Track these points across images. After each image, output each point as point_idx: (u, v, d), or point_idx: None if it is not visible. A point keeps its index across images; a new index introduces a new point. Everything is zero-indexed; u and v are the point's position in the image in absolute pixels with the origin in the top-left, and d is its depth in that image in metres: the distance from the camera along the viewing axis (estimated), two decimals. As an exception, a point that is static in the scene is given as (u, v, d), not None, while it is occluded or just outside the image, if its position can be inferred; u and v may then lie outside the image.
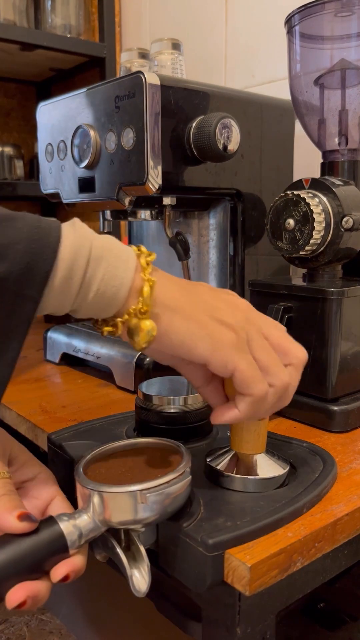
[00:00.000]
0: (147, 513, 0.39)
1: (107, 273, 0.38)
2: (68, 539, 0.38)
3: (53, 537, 0.38)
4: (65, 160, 0.78)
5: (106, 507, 0.39)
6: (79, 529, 0.39)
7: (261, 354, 0.42)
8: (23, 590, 0.36)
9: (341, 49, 0.69)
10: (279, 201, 0.64)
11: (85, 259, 0.38)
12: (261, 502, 0.44)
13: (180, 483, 0.40)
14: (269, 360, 0.42)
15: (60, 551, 0.38)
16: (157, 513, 0.39)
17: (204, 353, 0.40)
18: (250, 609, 0.41)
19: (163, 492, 0.39)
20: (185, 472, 0.41)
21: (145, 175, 0.66)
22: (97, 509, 0.39)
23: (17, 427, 0.68)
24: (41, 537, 0.38)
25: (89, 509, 0.39)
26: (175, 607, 0.48)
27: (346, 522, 0.45)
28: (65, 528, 0.38)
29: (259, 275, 0.83)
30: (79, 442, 0.54)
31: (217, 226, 0.85)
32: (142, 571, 0.40)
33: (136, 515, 0.39)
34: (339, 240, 0.62)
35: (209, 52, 1.17)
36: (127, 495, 0.39)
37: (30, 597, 0.36)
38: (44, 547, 0.37)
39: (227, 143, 0.68)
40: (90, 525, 0.39)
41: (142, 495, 0.38)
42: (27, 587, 0.36)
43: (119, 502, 0.39)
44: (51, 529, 0.38)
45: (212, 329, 0.40)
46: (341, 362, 0.61)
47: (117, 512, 0.39)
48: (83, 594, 1.29)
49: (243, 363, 0.40)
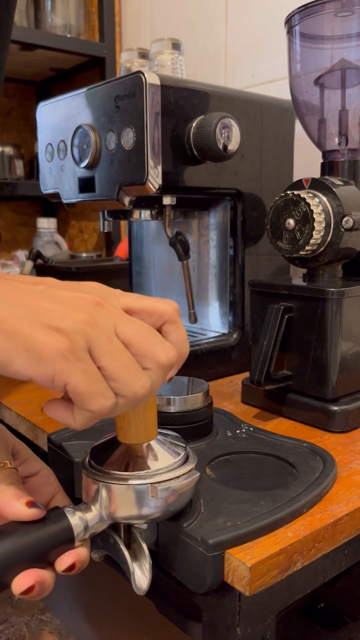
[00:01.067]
0: (152, 509, 0.39)
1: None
2: (75, 531, 0.38)
3: (61, 527, 0.38)
4: (65, 160, 0.78)
5: (113, 500, 0.39)
6: (85, 522, 0.39)
7: (107, 361, 0.35)
8: (31, 576, 0.36)
9: (341, 49, 0.69)
10: (279, 201, 0.64)
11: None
12: (261, 502, 0.44)
13: (189, 479, 0.40)
14: (117, 367, 0.35)
15: (66, 542, 0.38)
16: (162, 510, 0.39)
17: (22, 368, 0.33)
18: (250, 609, 0.41)
19: (172, 486, 0.39)
20: (193, 470, 0.41)
21: (145, 175, 0.66)
22: (105, 502, 0.39)
23: (17, 427, 0.68)
24: (49, 527, 0.38)
25: (96, 502, 0.39)
26: (175, 607, 0.48)
27: (346, 522, 0.45)
28: (72, 519, 0.38)
29: (259, 275, 0.83)
30: (79, 442, 0.54)
31: (217, 226, 0.85)
32: (143, 568, 0.40)
33: (142, 510, 0.39)
34: (339, 240, 0.62)
35: (209, 52, 1.17)
36: (136, 489, 0.39)
37: (38, 583, 0.36)
38: (51, 536, 0.37)
39: (227, 143, 0.68)
40: (96, 518, 0.39)
41: (152, 488, 0.38)
42: (35, 573, 0.36)
43: (127, 495, 0.39)
44: (59, 520, 0.38)
45: (33, 338, 0.33)
46: (341, 362, 0.61)
47: (124, 506, 0.39)
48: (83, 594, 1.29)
49: (76, 376, 0.33)
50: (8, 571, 0.36)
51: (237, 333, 0.83)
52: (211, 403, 0.57)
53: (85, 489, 0.41)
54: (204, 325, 0.89)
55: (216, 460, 0.52)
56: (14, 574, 0.36)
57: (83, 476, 0.41)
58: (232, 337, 0.83)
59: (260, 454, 0.53)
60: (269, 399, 0.67)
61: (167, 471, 0.40)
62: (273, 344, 0.62)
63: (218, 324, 0.87)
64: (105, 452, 0.42)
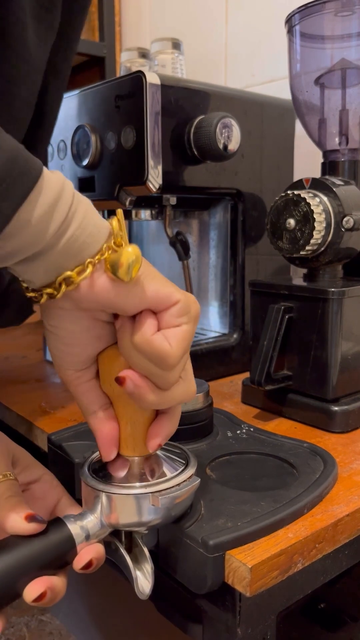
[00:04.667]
0: (153, 515, 0.39)
1: (87, 215, 0.35)
2: (77, 540, 0.38)
3: (62, 538, 0.38)
4: (65, 160, 0.78)
5: (114, 509, 0.39)
6: (86, 531, 0.39)
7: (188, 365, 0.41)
8: (42, 583, 0.36)
9: (342, 49, 0.69)
10: (279, 201, 0.63)
11: (71, 195, 0.34)
12: (262, 502, 0.44)
13: (190, 486, 0.40)
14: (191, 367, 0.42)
15: (68, 552, 0.38)
16: (163, 516, 0.39)
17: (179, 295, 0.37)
18: (250, 610, 0.41)
19: (173, 495, 0.39)
20: (193, 476, 0.41)
21: (146, 175, 0.66)
22: (105, 510, 0.39)
23: (17, 427, 0.68)
24: (50, 539, 0.38)
25: (96, 510, 0.39)
26: (175, 608, 0.48)
27: (347, 522, 0.45)
28: (73, 529, 0.38)
29: (259, 275, 0.83)
30: (79, 442, 0.54)
31: (217, 226, 0.85)
32: (145, 573, 0.40)
33: (143, 517, 0.39)
34: (340, 240, 0.62)
35: (209, 52, 1.17)
36: (137, 497, 0.39)
37: (49, 589, 0.36)
38: (53, 548, 0.38)
39: (227, 143, 0.68)
40: (97, 526, 0.39)
41: (153, 497, 0.38)
42: (45, 580, 0.37)
43: (127, 503, 0.39)
44: (60, 531, 0.38)
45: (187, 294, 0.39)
46: (342, 363, 0.61)
47: (125, 514, 0.39)
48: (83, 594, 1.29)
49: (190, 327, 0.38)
50: (16, 581, 0.36)
51: (237, 333, 0.83)
52: (211, 403, 0.57)
53: (85, 497, 0.41)
54: (204, 326, 0.89)
55: (216, 460, 0.52)
56: (23, 584, 0.36)
57: (83, 485, 0.41)
58: (232, 337, 0.83)
59: (261, 455, 0.53)
60: (269, 399, 0.67)
61: (168, 479, 0.40)
62: (273, 344, 0.62)
63: (218, 324, 0.87)
64: (105, 463, 0.42)
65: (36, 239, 0.33)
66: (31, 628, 1.34)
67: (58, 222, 0.33)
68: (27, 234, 0.32)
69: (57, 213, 0.33)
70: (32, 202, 0.32)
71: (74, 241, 0.34)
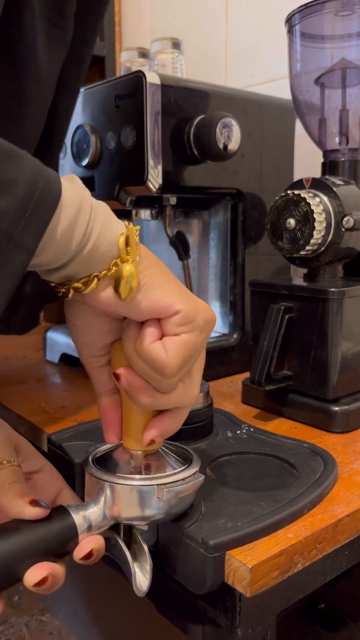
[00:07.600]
0: (156, 510, 0.39)
1: (105, 223, 0.36)
2: (79, 529, 0.38)
3: (64, 526, 0.38)
4: (65, 159, 0.78)
5: (117, 500, 0.39)
6: (89, 521, 0.39)
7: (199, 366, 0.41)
8: (44, 568, 0.36)
9: (342, 48, 0.69)
10: (279, 201, 0.63)
11: (89, 205, 0.36)
12: (262, 502, 0.44)
13: (194, 482, 0.40)
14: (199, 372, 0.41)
15: (69, 540, 0.38)
16: (165, 511, 0.39)
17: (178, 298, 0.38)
18: (250, 610, 0.41)
19: (177, 489, 0.39)
20: (197, 473, 0.41)
21: (146, 175, 0.66)
22: (109, 501, 0.39)
23: (17, 427, 0.68)
24: (53, 526, 0.38)
25: (99, 501, 0.39)
26: (175, 608, 0.48)
27: (347, 522, 0.45)
28: (76, 519, 0.38)
29: (259, 275, 0.83)
30: (79, 442, 0.54)
31: (217, 226, 0.85)
32: (144, 569, 0.40)
33: (145, 510, 0.39)
34: (340, 240, 0.62)
35: (209, 52, 1.17)
36: (141, 490, 0.39)
37: (51, 575, 0.36)
38: (55, 535, 0.38)
39: (227, 142, 0.67)
40: (99, 517, 0.39)
41: (158, 489, 0.38)
42: (47, 565, 0.37)
43: (131, 495, 0.39)
44: (63, 518, 0.38)
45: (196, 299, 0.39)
46: (342, 362, 0.61)
47: (128, 506, 0.39)
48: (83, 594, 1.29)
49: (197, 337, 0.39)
50: (16, 565, 0.36)
51: (237, 333, 0.83)
52: (211, 403, 0.57)
53: (89, 488, 0.41)
54: (204, 325, 0.89)
55: (217, 460, 0.52)
56: (23, 568, 0.36)
57: (87, 476, 0.41)
58: (232, 337, 0.83)
59: (261, 455, 0.53)
60: (269, 399, 0.67)
61: (173, 474, 0.40)
62: (273, 344, 0.62)
63: (218, 324, 0.87)
64: (109, 455, 0.42)
65: (62, 253, 0.35)
66: (31, 628, 1.34)
67: (80, 234, 0.35)
68: (54, 248, 0.34)
69: (79, 227, 0.35)
70: (55, 221, 0.34)
71: (95, 250, 0.36)
